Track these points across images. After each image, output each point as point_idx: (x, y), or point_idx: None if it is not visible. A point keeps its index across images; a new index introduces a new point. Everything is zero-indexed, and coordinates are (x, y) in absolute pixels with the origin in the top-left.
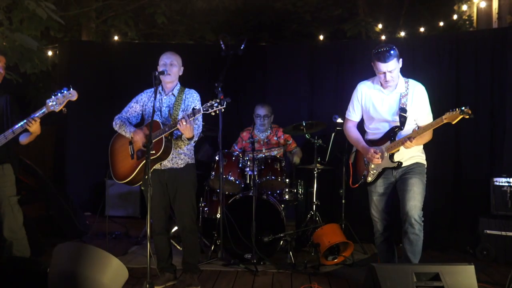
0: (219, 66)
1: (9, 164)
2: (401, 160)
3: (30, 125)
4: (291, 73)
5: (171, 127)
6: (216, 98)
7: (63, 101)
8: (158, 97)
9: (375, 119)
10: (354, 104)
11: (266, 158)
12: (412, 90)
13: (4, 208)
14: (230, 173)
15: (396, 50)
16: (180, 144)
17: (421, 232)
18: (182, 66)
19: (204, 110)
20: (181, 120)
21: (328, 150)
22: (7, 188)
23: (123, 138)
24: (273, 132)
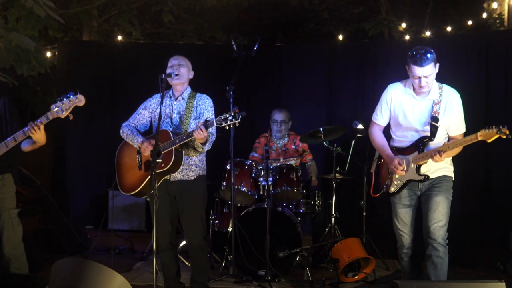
0: (231, 68)
1: (9, 174)
2: (428, 172)
3: (33, 132)
4: (308, 76)
5: (182, 138)
6: (231, 111)
7: (69, 107)
8: (167, 102)
9: (403, 127)
10: (382, 107)
11: (281, 167)
12: (446, 98)
13: (3, 221)
14: (243, 183)
15: (433, 54)
16: (192, 153)
17: (446, 255)
18: (192, 71)
19: (218, 123)
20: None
21: (348, 158)
22: (7, 200)
23: (130, 147)
24: (291, 140)
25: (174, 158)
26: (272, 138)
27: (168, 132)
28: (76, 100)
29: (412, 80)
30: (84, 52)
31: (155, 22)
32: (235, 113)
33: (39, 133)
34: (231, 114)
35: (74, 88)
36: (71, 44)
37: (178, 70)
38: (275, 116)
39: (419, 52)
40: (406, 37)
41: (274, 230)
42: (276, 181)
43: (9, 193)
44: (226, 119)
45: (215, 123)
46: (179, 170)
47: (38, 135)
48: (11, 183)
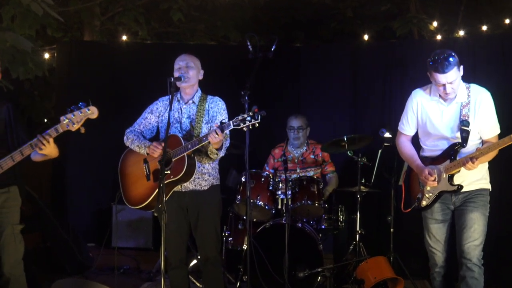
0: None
1: (15, 187)
2: (462, 183)
3: (42, 146)
4: (330, 79)
5: (195, 143)
6: (249, 111)
7: (81, 119)
8: (176, 106)
9: (432, 135)
10: (408, 116)
11: (301, 179)
12: (475, 98)
13: (6, 237)
14: (259, 197)
15: (455, 57)
16: (205, 160)
17: (481, 276)
18: (202, 70)
19: (235, 125)
20: (213, 132)
21: (374, 169)
22: (11, 214)
23: (136, 155)
24: (310, 149)
25: (186, 166)
26: (289, 148)
27: (179, 138)
28: (88, 112)
29: (437, 88)
30: (86, 53)
31: (163, 20)
32: (254, 113)
33: (48, 147)
34: (250, 114)
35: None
36: (72, 44)
37: (187, 73)
38: (291, 123)
39: (439, 58)
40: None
41: (293, 248)
42: (295, 194)
43: (14, 207)
44: (244, 119)
45: (232, 124)
46: (191, 179)
47: (48, 149)
48: (17, 196)
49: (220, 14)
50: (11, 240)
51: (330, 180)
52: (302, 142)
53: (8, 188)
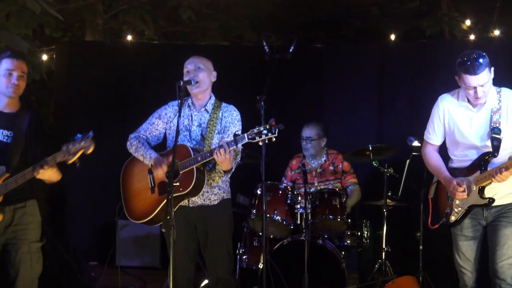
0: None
1: (34, 201)
2: (494, 196)
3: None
4: (354, 83)
5: (205, 156)
6: (266, 124)
7: (76, 152)
8: (186, 112)
9: (461, 144)
10: (435, 124)
11: (322, 192)
12: (507, 103)
13: (21, 256)
14: (276, 211)
15: (486, 58)
16: (214, 176)
17: None
18: (214, 71)
19: (250, 138)
20: (219, 149)
21: (402, 181)
22: (29, 231)
23: (140, 164)
24: (329, 160)
25: (195, 179)
26: (307, 158)
27: (188, 148)
28: (83, 144)
29: (466, 91)
30: (87, 54)
31: (171, 19)
32: (271, 126)
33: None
34: (266, 127)
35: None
36: (72, 45)
37: (197, 76)
38: (302, 132)
39: (469, 59)
40: (471, 36)
41: (313, 267)
42: (315, 208)
43: (32, 224)
44: (260, 133)
45: (247, 137)
46: (200, 193)
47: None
48: (35, 212)
49: (233, 12)
50: (27, 259)
51: (352, 192)
52: (312, 153)
53: (25, 202)
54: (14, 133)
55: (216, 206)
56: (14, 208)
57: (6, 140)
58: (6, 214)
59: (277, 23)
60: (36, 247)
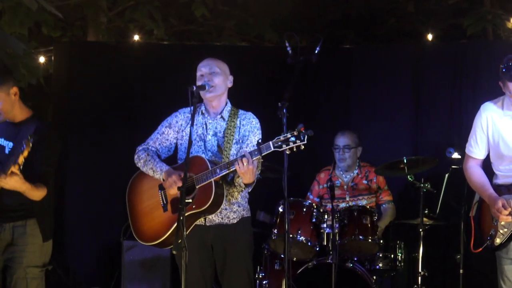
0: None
1: (35, 220)
2: None
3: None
4: (387, 88)
5: (225, 168)
6: (293, 130)
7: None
8: (200, 120)
9: (506, 158)
10: (477, 135)
11: (351, 210)
12: None
13: (16, 281)
14: (300, 230)
15: None
16: (233, 191)
17: None
18: (231, 75)
19: (275, 146)
20: (241, 159)
21: (440, 198)
22: (27, 254)
23: (149, 179)
24: (362, 173)
25: (214, 195)
26: (337, 172)
27: (204, 160)
28: None
29: (511, 100)
30: (90, 56)
31: (183, 16)
32: (299, 132)
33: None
34: (294, 133)
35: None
36: (72, 45)
37: (212, 81)
38: (337, 141)
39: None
40: None
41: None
42: (344, 227)
43: (32, 246)
44: (287, 140)
45: (272, 145)
46: (218, 211)
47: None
48: (35, 233)
49: (252, 9)
50: (22, 285)
51: (386, 211)
52: (349, 164)
53: (25, 221)
54: (14, 143)
55: (235, 225)
56: (14, 225)
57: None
58: (6, 231)
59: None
60: (34, 273)
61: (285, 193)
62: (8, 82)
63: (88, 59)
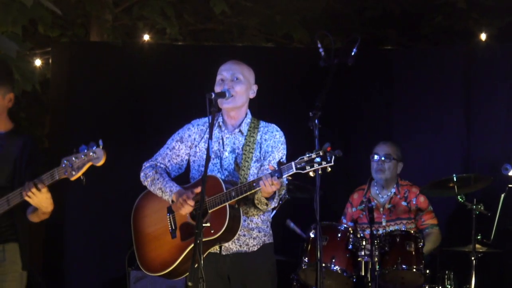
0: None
1: (15, 245)
2: None
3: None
4: (434, 94)
5: (241, 191)
6: (318, 150)
7: (83, 165)
8: (216, 134)
9: None
10: None
11: (393, 235)
12: None
13: None
14: (334, 259)
15: None
16: (252, 211)
17: None
18: (255, 85)
19: (298, 168)
20: (268, 179)
21: (495, 221)
22: (7, 284)
23: (157, 200)
24: (401, 193)
25: (228, 220)
26: (372, 191)
27: (218, 180)
28: (92, 155)
29: None
30: (93, 59)
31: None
32: (325, 152)
33: (38, 197)
34: (319, 153)
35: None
36: (73, 46)
37: (233, 89)
38: (377, 149)
39: None
40: None
41: None
42: (384, 255)
43: (12, 274)
44: (312, 161)
45: (294, 167)
46: (234, 238)
47: (36, 199)
48: (15, 259)
49: (280, 4)
50: None
51: (429, 236)
52: (388, 178)
53: (3, 246)
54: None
55: (255, 253)
56: None
57: None
58: None
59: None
60: None
61: (317, 216)
62: (7, 85)
63: (91, 62)
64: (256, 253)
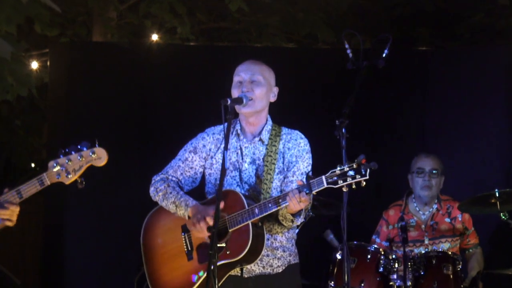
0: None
1: None
2: None
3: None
4: (472, 99)
5: (267, 208)
6: (351, 162)
7: (80, 167)
8: (234, 143)
9: None
10: None
11: (428, 257)
12: None
13: None
14: (363, 283)
15: None
16: (277, 229)
17: None
18: (276, 87)
19: (329, 182)
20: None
21: None
22: None
23: (169, 217)
24: (444, 209)
25: (252, 240)
26: (411, 207)
27: (239, 195)
28: (92, 156)
29: None
30: (96, 61)
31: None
32: (359, 165)
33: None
34: (353, 166)
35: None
36: (73, 47)
37: (252, 92)
38: (421, 163)
39: None
40: None
41: None
42: (419, 279)
43: None
44: (345, 174)
45: (325, 181)
46: (257, 259)
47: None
48: None
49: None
50: None
51: (472, 257)
52: (434, 195)
53: None
54: None
55: (280, 275)
56: None
57: None
58: None
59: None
60: None
61: (344, 235)
62: None
63: (93, 65)
64: (281, 275)
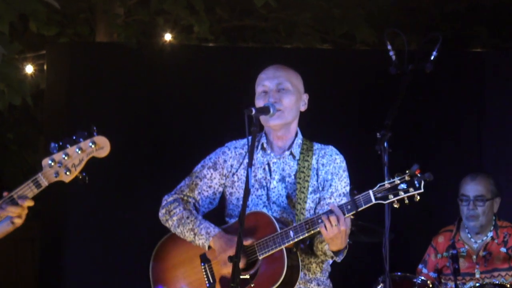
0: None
1: None
2: None
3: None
4: None
5: (301, 229)
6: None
7: (81, 161)
8: (260, 159)
9: None
10: None
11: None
12: None
13: None
14: None
15: None
16: (309, 263)
17: None
18: (306, 94)
19: (378, 198)
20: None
21: None
22: None
23: (185, 245)
24: (500, 238)
25: (286, 269)
26: (462, 234)
27: (268, 217)
28: (92, 147)
29: None
30: (100, 64)
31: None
32: (412, 176)
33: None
34: (405, 178)
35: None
36: (74, 48)
37: (279, 102)
38: (465, 189)
39: None
40: None
41: None
42: None
43: None
44: (395, 188)
45: (373, 197)
46: None
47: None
48: None
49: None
50: None
51: None
52: (483, 224)
53: None
54: None
55: None
56: None
57: None
58: None
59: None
60: None
61: (386, 265)
62: None
63: (97, 69)
64: None
